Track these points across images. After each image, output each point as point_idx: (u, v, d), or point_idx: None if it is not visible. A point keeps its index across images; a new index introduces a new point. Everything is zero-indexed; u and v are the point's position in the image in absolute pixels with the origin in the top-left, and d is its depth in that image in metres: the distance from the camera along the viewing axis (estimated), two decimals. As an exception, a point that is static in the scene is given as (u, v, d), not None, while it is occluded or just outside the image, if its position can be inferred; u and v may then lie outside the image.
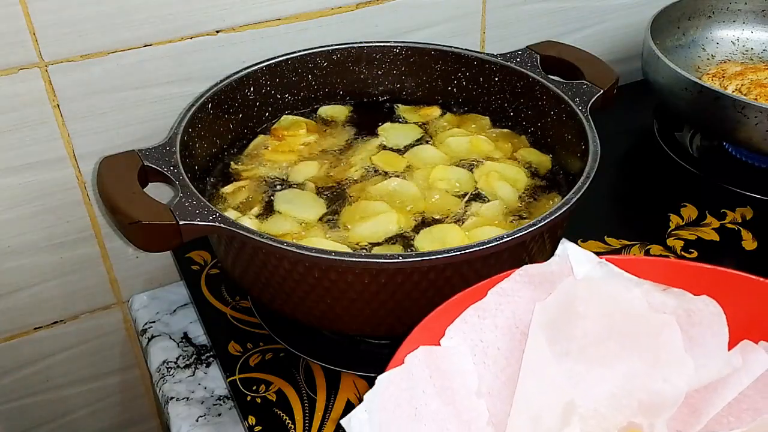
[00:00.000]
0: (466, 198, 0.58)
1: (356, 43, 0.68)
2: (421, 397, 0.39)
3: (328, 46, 0.67)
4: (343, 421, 0.35)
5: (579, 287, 0.43)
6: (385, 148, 0.65)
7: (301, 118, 0.68)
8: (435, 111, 0.69)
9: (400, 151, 0.64)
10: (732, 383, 0.42)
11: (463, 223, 0.56)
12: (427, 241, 0.54)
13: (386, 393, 0.37)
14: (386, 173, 0.62)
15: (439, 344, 0.41)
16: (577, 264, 0.43)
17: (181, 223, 0.46)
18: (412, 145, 0.65)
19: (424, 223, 0.56)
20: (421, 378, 0.39)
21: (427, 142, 0.66)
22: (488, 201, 0.58)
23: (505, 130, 0.67)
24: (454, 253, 0.45)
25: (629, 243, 0.67)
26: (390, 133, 0.67)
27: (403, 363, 0.39)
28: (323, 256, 0.46)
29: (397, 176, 0.61)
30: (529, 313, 0.43)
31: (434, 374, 0.40)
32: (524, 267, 0.43)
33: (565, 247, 0.43)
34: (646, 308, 0.43)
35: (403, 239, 0.55)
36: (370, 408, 0.36)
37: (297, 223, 0.56)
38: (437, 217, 0.57)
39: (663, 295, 0.43)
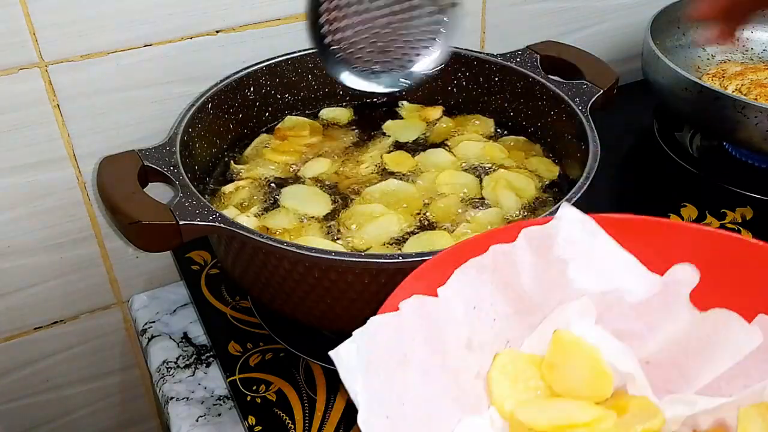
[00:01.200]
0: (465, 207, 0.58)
1: (356, 43, 0.68)
2: (410, 343, 0.39)
3: (328, 46, 0.67)
4: (331, 353, 0.35)
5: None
6: (397, 145, 0.65)
7: (305, 119, 0.68)
8: (437, 111, 0.69)
9: (411, 150, 0.64)
10: (728, 353, 0.42)
11: (456, 227, 0.56)
12: (416, 248, 0.54)
13: (376, 335, 0.37)
14: (393, 173, 0.62)
15: (434, 293, 0.40)
16: (566, 225, 0.43)
17: (181, 223, 0.46)
18: (419, 142, 0.65)
19: (422, 226, 0.56)
20: (412, 325, 0.39)
21: (440, 145, 0.65)
22: (489, 208, 0.58)
23: (521, 137, 0.66)
24: (454, 253, 0.45)
25: (629, 243, 0.67)
26: (395, 129, 0.67)
27: (395, 308, 0.38)
28: (323, 256, 0.46)
29: (402, 177, 0.61)
30: (524, 277, 0.43)
31: (425, 323, 0.40)
32: (525, 230, 0.43)
33: (563, 210, 0.44)
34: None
35: (398, 243, 0.55)
36: (359, 344, 0.36)
37: (297, 219, 0.56)
38: (436, 220, 0.57)
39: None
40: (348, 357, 0.35)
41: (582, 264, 0.43)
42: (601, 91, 0.60)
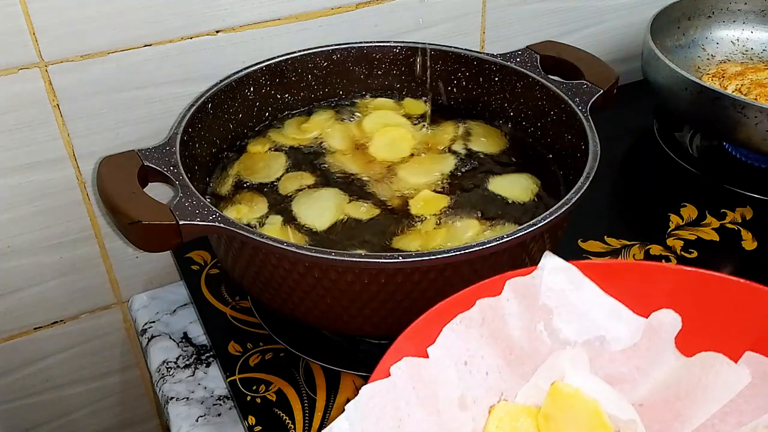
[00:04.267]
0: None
1: (356, 43, 0.68)
2: (404, 408, 0.39)
3: (328, 46, 0.67)
4: (324, 431, 0.35)
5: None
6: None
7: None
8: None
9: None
10: (719, 393, 0.42)
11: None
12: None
13: (369, 404, 0.37)
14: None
15: (424, 352, 0.41)
16: (549, 275, 0.44)
17: (181, 223, 0.46)
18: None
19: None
20: (405, 389, 0.39)
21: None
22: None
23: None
24: (454, 253, 0.45)
25: (629, 243, 0.67)
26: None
27: (386, 374, 0.39)
28: (323, 256, 0.46)
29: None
30: (512, 328, 0.44)
31: (418, 385, 0.40)
32: (510, 281, 0.44)
33: (545, 260, 0.44)
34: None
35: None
36: (351, 419, 0.36)
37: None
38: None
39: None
40: None
41: (567, 312, 0.44)
42: (601, 91, 0.60)
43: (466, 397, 0.42)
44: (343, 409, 0.35)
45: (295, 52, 0.66)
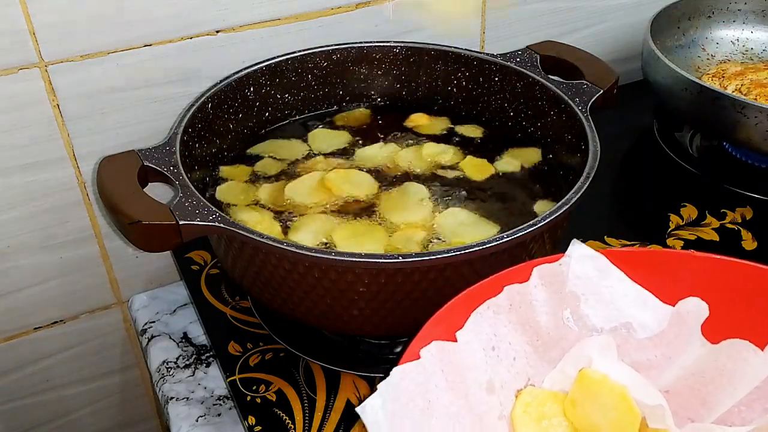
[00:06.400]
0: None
1: (356, 43, 0.68)
2: (433, 390, 0.40)
3: (328, 46, 0.67)
4: (358, 408, 0.36)
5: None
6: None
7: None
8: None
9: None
10: (746, 380, 0.42)
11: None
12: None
13: (400, 385, 0.38)
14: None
15: (452, 337, 0.41)
16: (576, 263, 0.44)
17: (181, 223, 0.46)
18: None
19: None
20: (434, 372, 0.40)
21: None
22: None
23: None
24: (453, 253, 0.45)
25: (629, 243, 0.67)
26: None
27: (416, 356, 0.39)
28: (323, 256, 0.46)
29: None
30: (540, 314, 0.44)
31: (447, 368, 0.40)
32: (537, 268, 0.44)
33: (573, 247, 0.45)
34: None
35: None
36: (384, 396, 0.37)
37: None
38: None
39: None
40: (374, 412, 0.36)
41: (594, 299, 0.45)
42: (601, 91, 0.60)
43: (493, 382, 0.43)
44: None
45: (295, 52, 0.66)
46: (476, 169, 0.63)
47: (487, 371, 0.42)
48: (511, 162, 0.64)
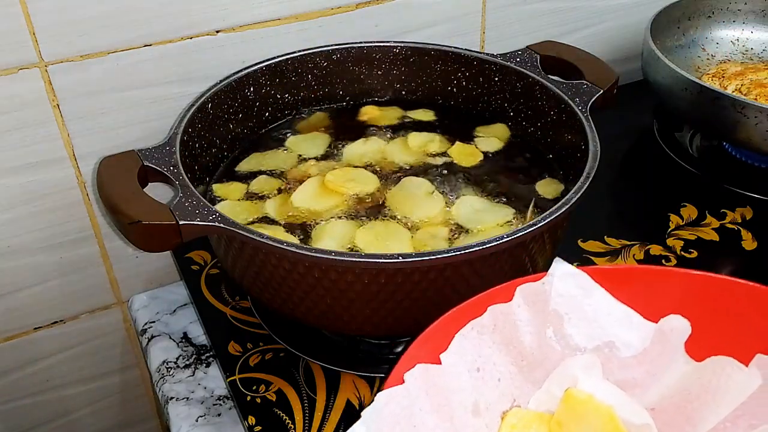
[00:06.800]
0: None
1: (356, 43, 0.68)
2: (418, 414, 0.39)
3: (328, 46, 0.67)
4: None
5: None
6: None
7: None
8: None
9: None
10: (730, 396, 0.42)
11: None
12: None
13: (385, 410, 0.38)
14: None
15: (437, 359, 0.41)
16: (559, 281, 0.44)
17: (181, 223, 0.46)
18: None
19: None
20: (419, 396, 0.40)
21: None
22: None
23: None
24: (453, 253, 0.45)
25: (629, 243, 0.67)
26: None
27: (400, 380, 0.39)
28: (323, 256, 0.46)
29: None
30: (524, 334, 0.44)
31: (431, 391, 0.40)
32: (520, 287, 0.44)
33: (555, 266, 0.45)
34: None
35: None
36: (368, 423, 0.36)
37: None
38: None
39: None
40: None
41: (577, 318, 0.44)
42: (601, 91, 0.60)
43: (479, 404, 0.42)
44: (354, 413, 0.36)
45: (295, 52, 0.66)
46: (466, 154, 0.64)
47: (472, 393, 0.42)
48: (489, 140, 0.65)
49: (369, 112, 0.69)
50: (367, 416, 0.37)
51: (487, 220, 0.56)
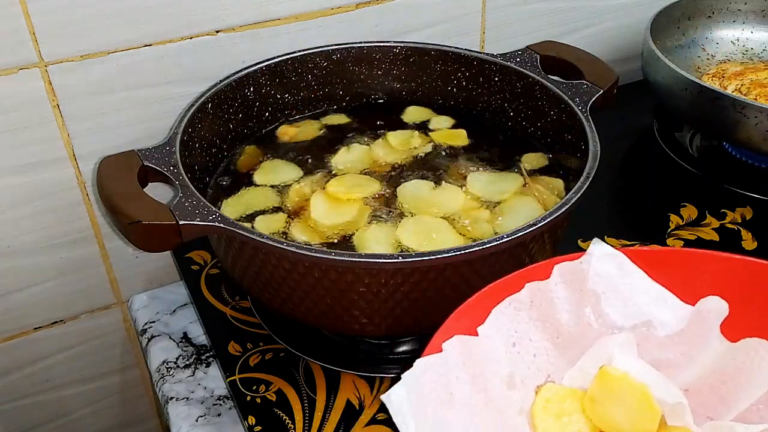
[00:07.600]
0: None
1: (356, 43, 0.68)
2: (454, 383, 0.40)
3: (328, 46, 0.67)
4: (383, 396, 0.37)
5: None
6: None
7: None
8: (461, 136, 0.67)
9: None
10: (764, 378, 0.42)
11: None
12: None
13: (423, 376, 0.39)
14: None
15: (474, 332, 0.42)
16: (597, 261, 0.45)
17: (181, 223, 0.46)
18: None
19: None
20: (455, 365, 0.40)
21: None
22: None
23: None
24: (453, 254, 0.45)
25: (629, 243, 0.67)
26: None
27: (438, 349, 0.40)
28: (323, 256, 0.46)
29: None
30: (560, 311, 0.45)
31: (468, 362, 0.41)
32: (558, 266, 0.45)
33: (594, 246, 0.45)
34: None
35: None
36: (408, 386, 0.37)
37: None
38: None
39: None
40: (399, 401, 0.37)
41: (614, 297, 0.45)
42: (601, 91, 0.60)
43: (514, 377, 0.43)
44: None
45: (295, 52, 0.66)
46: (454, 138, 0.66)
47: (507, 367, 0.43)
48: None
49: (288, 132, 0.67)
50: (407, 380, 0.38)
51: (506, 188, 0.59)
